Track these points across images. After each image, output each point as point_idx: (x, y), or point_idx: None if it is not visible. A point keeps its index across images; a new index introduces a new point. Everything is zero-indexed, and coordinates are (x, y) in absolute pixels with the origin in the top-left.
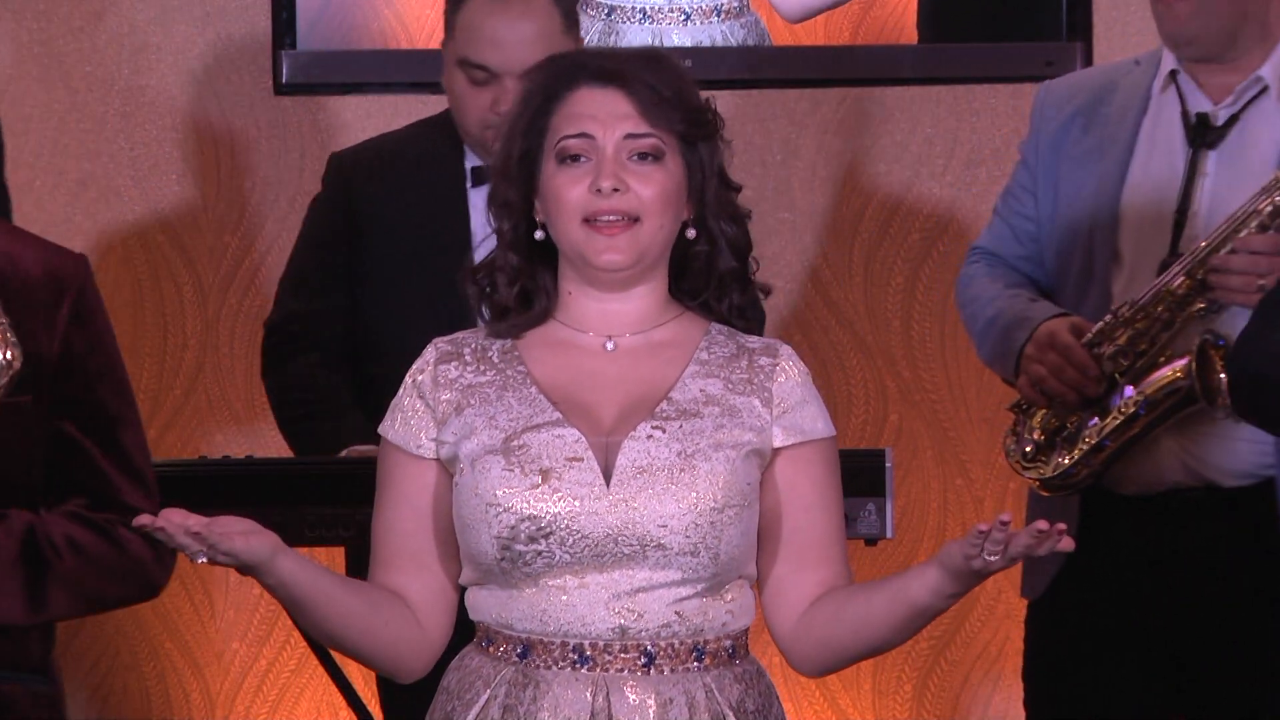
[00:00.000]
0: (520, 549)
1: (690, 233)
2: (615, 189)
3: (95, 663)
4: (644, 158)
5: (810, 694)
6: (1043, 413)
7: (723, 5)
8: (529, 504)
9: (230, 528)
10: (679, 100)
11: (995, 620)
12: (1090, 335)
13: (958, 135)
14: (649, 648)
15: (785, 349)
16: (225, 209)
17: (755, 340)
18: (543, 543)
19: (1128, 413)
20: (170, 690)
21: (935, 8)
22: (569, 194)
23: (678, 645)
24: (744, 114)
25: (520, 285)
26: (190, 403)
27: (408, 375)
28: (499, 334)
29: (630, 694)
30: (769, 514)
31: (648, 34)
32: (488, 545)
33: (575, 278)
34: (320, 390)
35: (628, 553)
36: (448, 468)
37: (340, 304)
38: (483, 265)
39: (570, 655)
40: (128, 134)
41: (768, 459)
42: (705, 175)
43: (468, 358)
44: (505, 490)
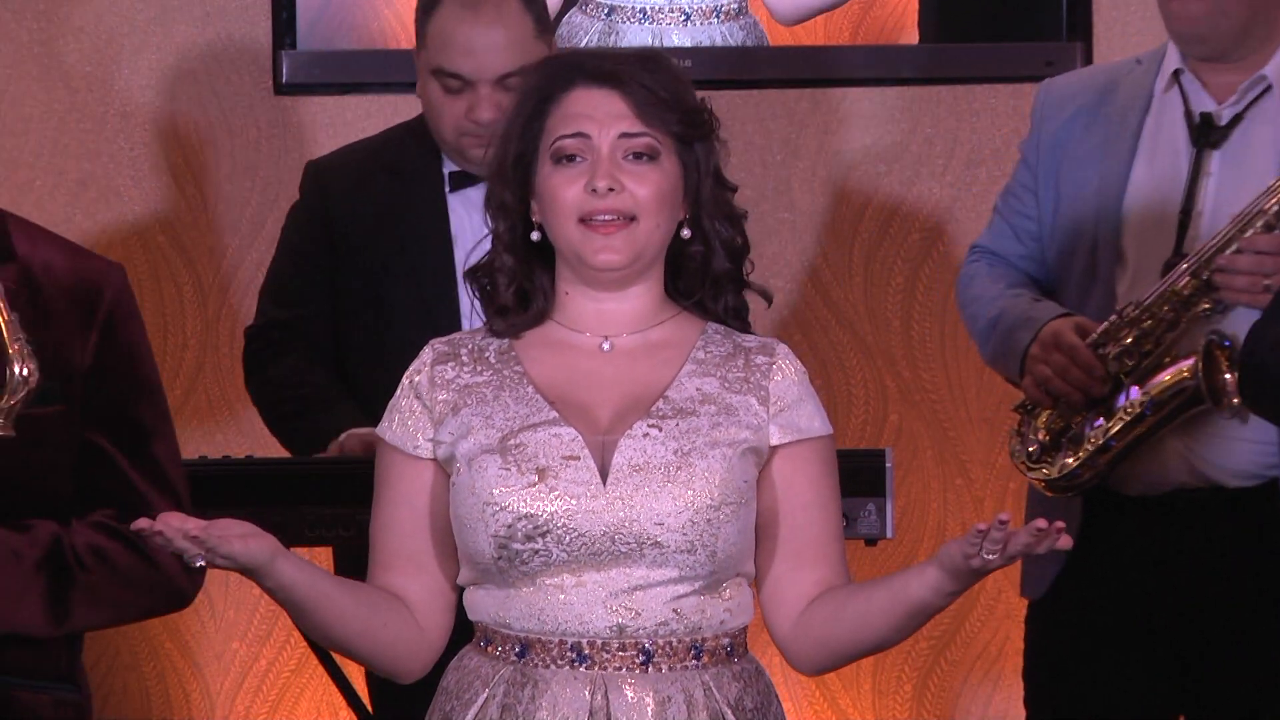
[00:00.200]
0: (517, 548)
1: (685, 233)
2: (611, 189)
3: (95, 663)
4: (639, 157)
5: (810, 694)
6: (1047, 413)
7: (722, 6)
8: (526, 503)
9: (229, 531)
10: (675, 100)
11: (995, 620)
12: (1095, 335)
13: (958, 135)
14: (647, 646)
15: (782, 348)
16: (225, 209)
17: (752, 339)
18: (540, 541)
19: (1134, 413)
20: (170, 690)
21: (935, 8)
22: (565, 194)
23: (676, 643)
24: (744, 114)
25: (517, 286)
26: (190, 403)
27: (405, 376)
28: (497, 334)
29: (628, 692)
30: (766, 513)
31: (647, 34)
32: (485, 544)
33: (572, 278)
34: (307, 386)
35: (625, 551)
36: (445, 468)
37: (321, 311)
38: (482, 266)
39: (568, 654)
40: (128, 134)
41: (764, 457)
42: (701, 175)
43: (464, 358)
44: (502, 489)
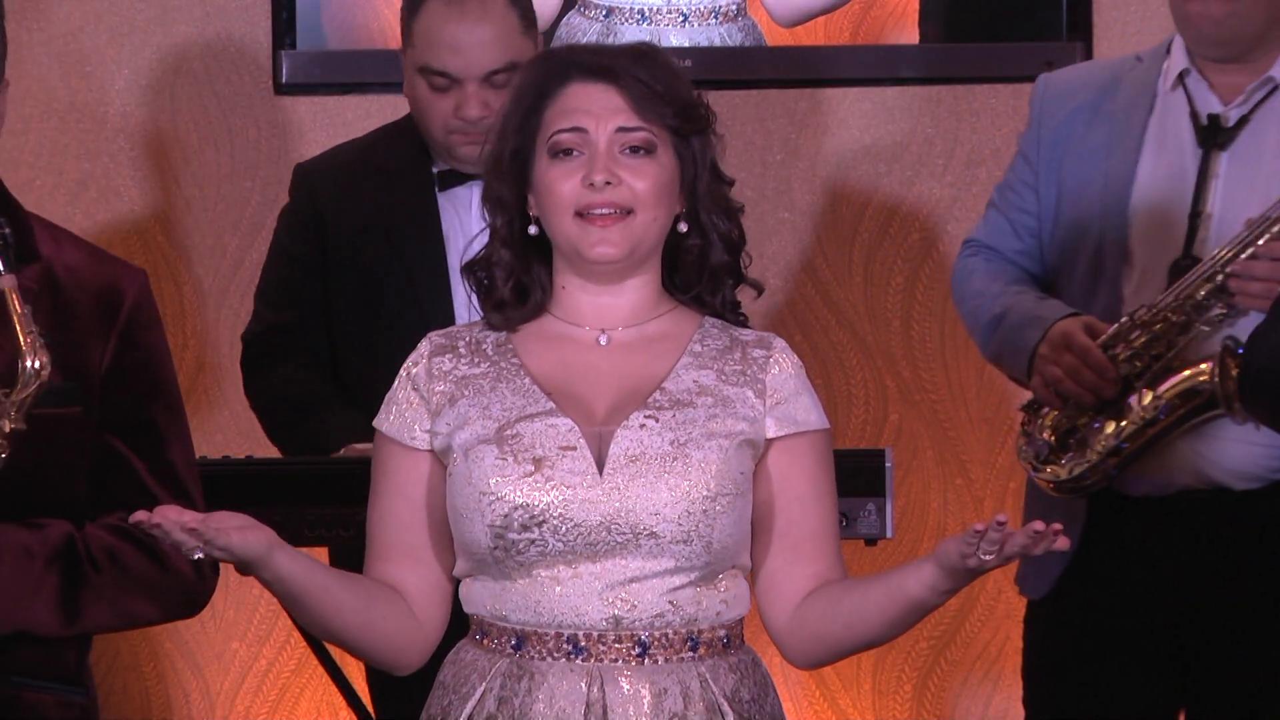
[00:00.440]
0: (513, 538)
1: (682, 226)
2: (608, 182)
3: (95, 663)
4: (636, 151)
5: (810, 693)
6: (1054, 414)
7: (720, 7)
8: (522, 493)
9: (226, 523)
10: (671, 94)
11: (995, 620)
12: (1105, 337)
13: (958, 135)
14: (643, 638)
15: (779, 342)
16: (225, 209)
17: (749, 333)
18: (535, 531)
19: (1147, 416)
20: (170, 690)
21: (935, 7)
22: (562, 187)
23: (671, 635)
24: (744, 114)
25: (515, 280)
26: (190, 403)
27: (402, 368)
28: (494, 327)
29: (625, 684)
30: (762, 506)
31: (645, 35)
32: (481, 534)
33: (569, 272)
34: (307, 393)
35: (620, 541)
36: (441, 459)
37: (316, 313)
38: (479, 260)
39: (564, 646)
40: (127, 134)
41: (760, 450)
42: (698, 169)
43: (462, 350)
44: (498, 479)
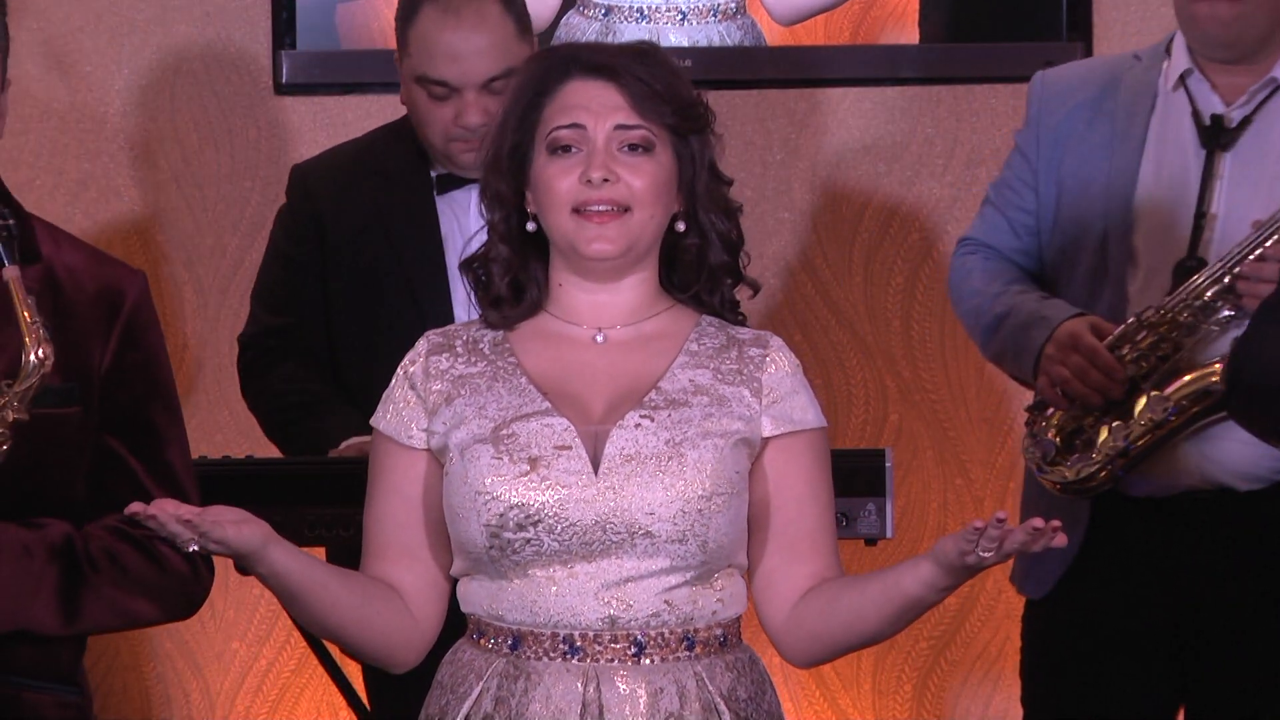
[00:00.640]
0: (509, 537)
1: (680, 225)
2: (605, 179)
3: (95, 663)
4: (634, 149)
5: (810, 693)
6: (1059, 414)
7: (719, 5)
8: (517, 492)
9: (222, 516)
10: (670, 93)
11: (995, 620)
12: (1112, 338)
13: (958, 135)
14: (639, 637)
15: (776, 340)
16: (225, 209)
17: (746, 332)
18: (531, 530)
19: (1156, 418)
20: (170, 690)
21: (935, 7)
22: (559, 184)
23: (668, 634)
24: (744, 114)
25: (512, 277)
26: (190, 403)
27: (400, 367)
28: (491, 325)
29: (621, 684)
30: (759, 505)
31: (644, 34)
32: (477, 534)
33: (566, 269)
34: (304, 393)
35: (616, 541)
36: (438, 458)
37: (314, 315)
38: (477, 256)
39: (561, 646)
40: (127, 134)
41: (757, 449)
42: (696, 168)
43: (459, 349)
44: (494, 478)
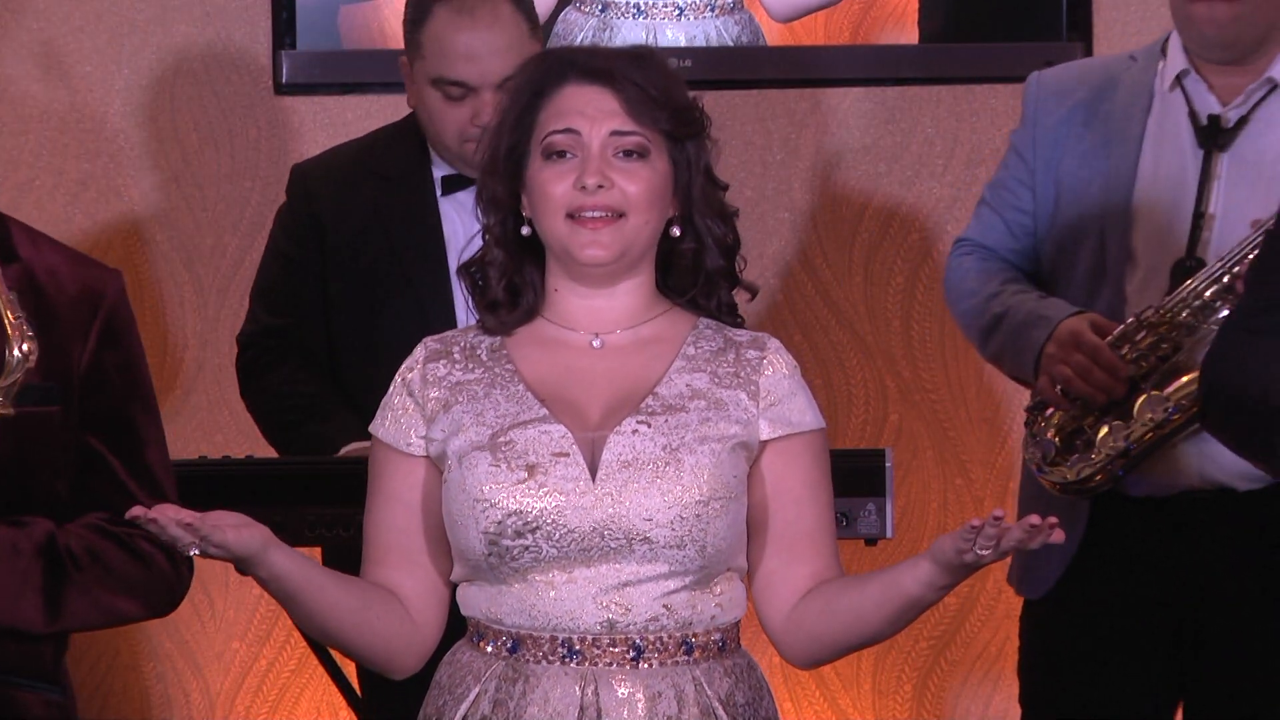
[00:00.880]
0: (507, 544)
1: (675, 230)
2: (600, 185)
3: (95, 663)
4: (629, 155)
5: (810, 693)
6: (1059, 415)
7: (716, 1)
8: (515, 499)
9: (222, 520)
10: (666, 99)
11: (995, 620)
12: (1112, 337)
13: (958, 135)
14: (637, 641)
15: (773, 342)
16: (225, 209)
17: (743, 334)
18: (529, 537)
19: (1157, 418)
20: (170, 690)
21: (935, 7)
22: (554, 189)
23: (666, 639)
24: (744, 114)
25: (507, 281)
26: (190, 403)
27: (398, 374)
28: (488, 331)
29: (619, 688)
30: (758, 507)
31: (641, 29)
32: (475, 541)
33: (561, 274)
34: (303, 395)
35: (614, 546)
36: (437, 465)
37: (314, 315)
38: (474, 260)
39: (559, 649)
40: (127, 134)
41: (755, 452)
42: (692, 173)
43: (457, 356)
44: (492, 486)
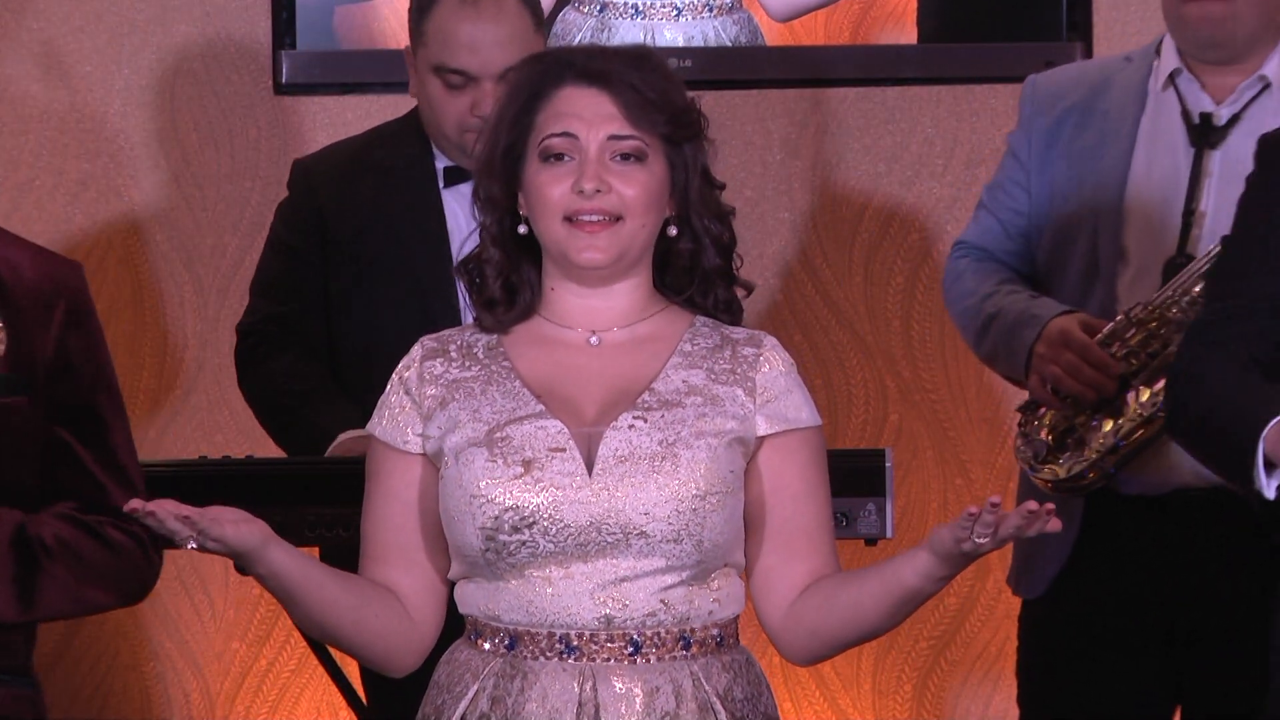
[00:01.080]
0: (504, 539)
1: (672, 230)
2: (597, 190)
3: (95, 663)
4: (626, 158)
5: (810, 693)
6: (1051, 413)
7: (714, 1)
8: (511, 494)
9: (221, 515)
10: (664, 101)
11: (995, 620)
12: (1102, 335)
13: (958, 135)
14: (635, 637)
15: (769, 340)
16: (225, 209)
17: (739, 331)
18: (526, 533)
19: (1146, 414)
20: (170, 690)
21: (935, 7)
22: (551, 192)
23: (664, 634)
24: (744, 114)
25: (504, 279)
26: (190, 403)
27: (395, 372)
28: (485, 329)
29: (617, 683)
30: (755, 504)
31: (639, 30)
32: (472, 537)
33: (558, 273)
34: (302, 384)
35: (611, 541)
36: (434, 462)
37: (314, 306)
38: (472, 257)
39: (557, 645)
40: (127, 134)
41: (751, 448)
42: (689, 174)
43: (453, 354)
44: (488, 481)
